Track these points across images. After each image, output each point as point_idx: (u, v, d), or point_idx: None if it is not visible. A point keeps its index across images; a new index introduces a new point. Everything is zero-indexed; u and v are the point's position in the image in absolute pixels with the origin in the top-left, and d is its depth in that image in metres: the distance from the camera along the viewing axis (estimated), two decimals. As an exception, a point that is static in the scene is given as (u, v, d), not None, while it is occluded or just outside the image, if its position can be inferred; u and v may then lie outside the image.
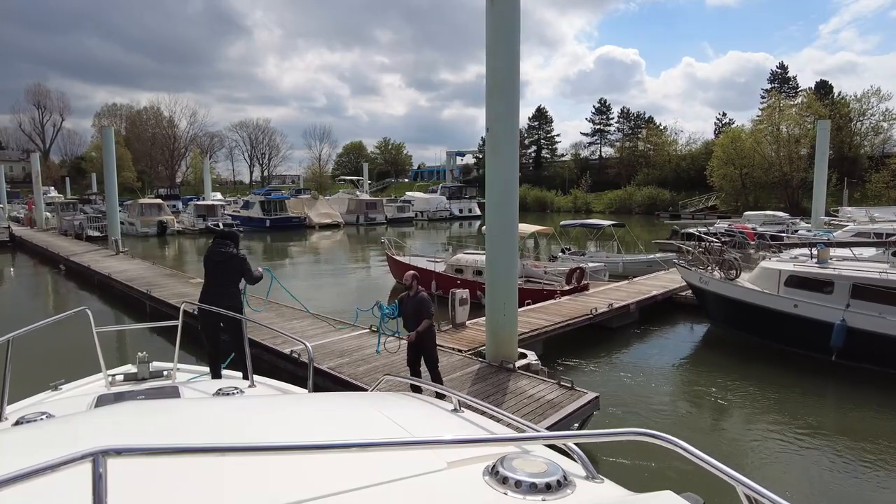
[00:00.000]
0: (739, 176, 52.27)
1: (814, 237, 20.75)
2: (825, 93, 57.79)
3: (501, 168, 8.05)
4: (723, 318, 12.23)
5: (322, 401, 2.89)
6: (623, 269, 18.60)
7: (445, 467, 1.48)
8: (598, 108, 78.27)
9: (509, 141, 8.04)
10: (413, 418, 2.03)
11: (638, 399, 8.85)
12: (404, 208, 52.09)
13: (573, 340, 11.17)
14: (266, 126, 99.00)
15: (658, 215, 53.88)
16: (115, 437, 1.58)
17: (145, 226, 37.07)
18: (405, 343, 7.05)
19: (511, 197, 8.13)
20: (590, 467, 1.57)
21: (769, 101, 60.64)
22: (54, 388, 4.37)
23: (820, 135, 25.68)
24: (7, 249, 31.26)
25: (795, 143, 50.46)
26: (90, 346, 4.35)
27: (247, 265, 6.31)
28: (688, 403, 8.98)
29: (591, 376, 9.79)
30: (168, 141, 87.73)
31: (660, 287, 14.50)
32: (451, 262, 15.75)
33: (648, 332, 12.77)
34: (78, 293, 19.10)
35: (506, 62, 7.87)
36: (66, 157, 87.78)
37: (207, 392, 3.73)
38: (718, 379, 9.75)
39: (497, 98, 7.96)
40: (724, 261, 11.80)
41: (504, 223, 8.14)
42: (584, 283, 14.08)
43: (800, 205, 46.74)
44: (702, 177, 55.64)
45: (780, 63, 73.51)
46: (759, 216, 32.42)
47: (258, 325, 7.95)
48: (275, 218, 42.37)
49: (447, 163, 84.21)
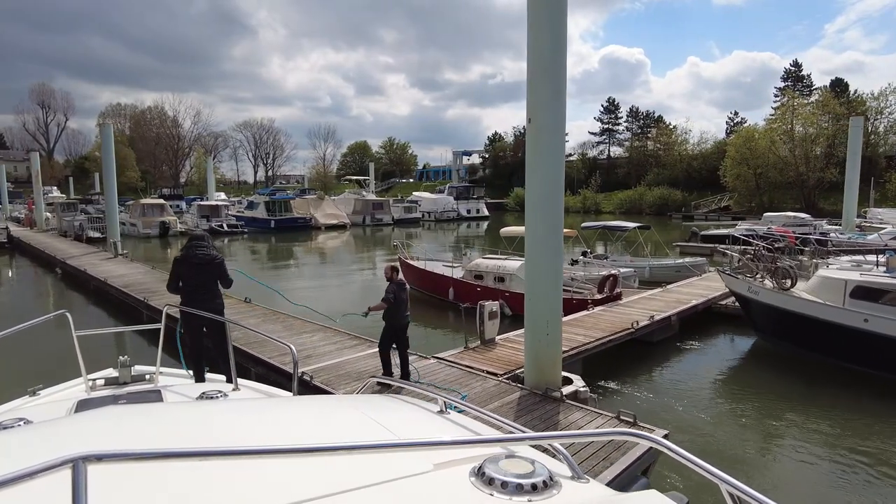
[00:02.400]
0: (754, 176, 51.01)
1: (848, 240, 19.61)
2: (840, 91, 56.53)
3: (545, 163, 6.93)
4: (773, 332, 11.08)
5: (307, 404, 2.81)
6: (650, 275, 17.48)
7: (432, 469, 1.47)
8: (606, 108, 77.14)
9: (555, 132, 6.93)
10: (399, 420, 2.03)
11: (694, 427, 7.74)
12: (411, 209, 50.94)
13: (612, 357, 10.05)
14: (270, 126, 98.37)
15: (670, 216, 52.70)
16: (95, 442, 1.62)
17: (147, 227, 35.94)
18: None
19: (556, 197, 7.02)
20: (575, 467, 1.57)
21: (782, 99, 59.46)
22: (32, 394, 4.23)
23: (853, 133, 24.43)
24: (5, 251, 30.33)
25: (812, 143, 49.18)
26: (70, 351, 4.22)
27: (225, 267, 6.35)
28: (752, 433, 7.85)
29: (637, 401, 8.68)
30: (172, 141, 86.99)
31: (698, 296, 13.36)
32: (470, 268, 14.63)
33: (690, 346, 11.64)
34: (72, 298, 18.10)
35: (551, 40, 6.76)
36: (71, 157, 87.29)
37: (191, 396, 3.71)
38: (777, 402, 8.66)
39: (540, 83, 6.85)
40: (777, 268, 10.67)
41: (548, 226, 7.02)
42: (618, 292, 12.96)
43: (816, 205, 45.55)
44: (714, 177, 54.45)
45: (793, 61, 72.24)
46: (779, 217, 31.23)
47: (241, 328, 7.07)
48: (280, 218, 41.27)
49: (453, 163, 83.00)
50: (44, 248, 26.26)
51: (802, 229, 24.95)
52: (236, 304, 13.05)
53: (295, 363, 3.87)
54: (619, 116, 76.06)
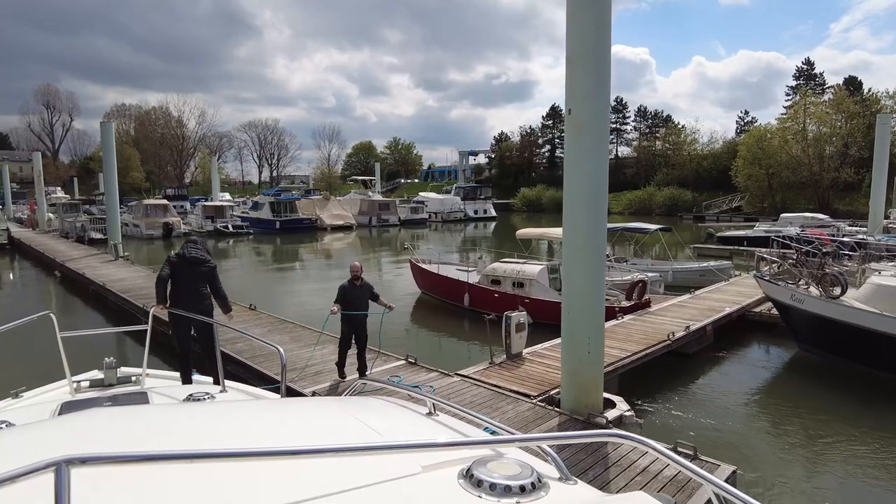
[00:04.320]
0: (766, 176, 50.06)
1: (878, 242, 18.74)
2: (854, 89, 55.47)
3: (586, 159, 6.17)
4: (818, 343, 10.26)
5: (295, 406, 2.78)
6: (672, 279, 16.65)
7: (420, 471, 1.46)
8: (614, 107, 76.13)
9: (598, 125, 6.16)
10: (387, 422, 2.02)
11: (755, 457, 6.94)
12: (418, 209, 50.12)
13: (646, 372, 9.26)
14: (275, 126, 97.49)
15: (681, 217, 51.84)
16: (79, 445, 1.58)
17: (149, 228, 35.24)
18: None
19: (599, 197, 6.26)
20: (563, 469, 1.56)
21: (794, 98, 58.44)
22: (15, 396, 4.16)
23: (880, 130, 23.49)
24: (6, 253, 29.72)
25: (826, 142, 48.22)
26: (55, 353, 4.15)
27: (217, 273, 6.47)
28: (812, 456, 7.06)
29: (679, 422, 7.89)
30: (177, 141, 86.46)
31: (731, 303, 12.55)
32: (487, 272, 13.85)
33: (726, 358, 10.84)
34: (70, 302, 17.43)
35: (594, 23, 5.99)
36: (76, 158, 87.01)
37: (177, 397, 3.69)
38: (830, 420, 7.89)
39: (581, 70, 6.09)
40: (824, 275, 9.85)
41: (590, 231, 6.26)
42: (646, 299, 12.15)
43: (830, 206, 44.58)
44: (724, 177, 53.56)
45: (805, 59, 71.16)
46: (797, 218, 30.38)
47: (227, 329, 6.83)
48: (285, 219, 40.56)
49: (460, 163, 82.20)
50: (43, 249, 25.58)
51: (826, 231, 24.12)
52: (241, 312, 12.35)
53: (283, 366, 3.75)
54: (626, 116, 75.17)
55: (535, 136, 79.35)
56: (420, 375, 7.75)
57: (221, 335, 5.48)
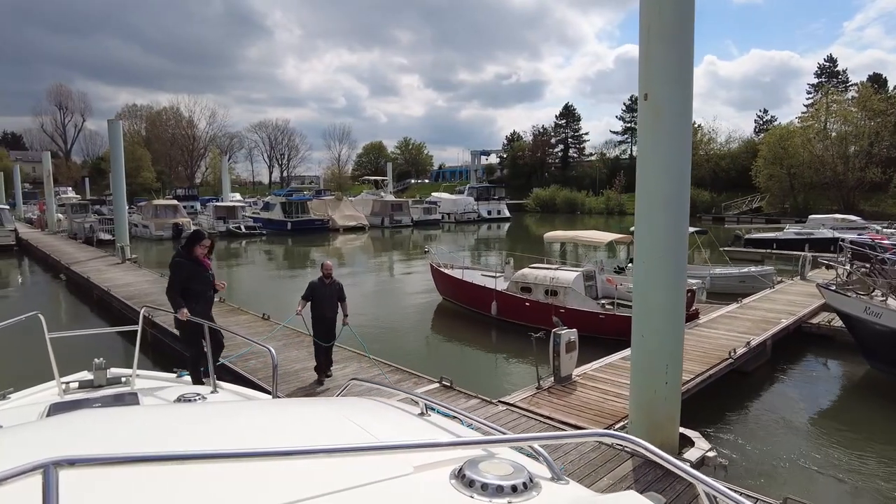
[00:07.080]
0: (787, 176, 48.64)
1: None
2: (879, 86, 53.86)
3: (667, 152, 5.18)
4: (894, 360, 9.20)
5: (287, 406, 2.73)
6: (710, 285, 15.56)
7: (412, 472, 1.43)
8: (628, 106, 74.89)
9: (679, 114, 5.17)
10: (379, 422, 1.99)
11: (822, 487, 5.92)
12: (431, 210, 49.16)
13: (707, 395, 8.22)
14: (285, 127, 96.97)
15: (700, 218, 50.45)
16: (68, 446, 1.51)
17: (159, 228, 34.51)
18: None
19: (681, 197, 5.26)
20: (555, 469, 1.55)
21: (816, 96, 56.90)
22: (2, 397, 4.04)
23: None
24: (13, 254, 29.11)
25: (850, 141, 46.72)
26: (44, 354, 4.10)
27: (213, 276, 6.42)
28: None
29: (754, 455, 6.87)
30: (187, 141, 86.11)
31: (785, 313, 11.49)
32: (516, 279, 12.84)
33: (786, 375, 9.80)
34: (74, 307, 16.66)
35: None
36: (88, 158, 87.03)
37: (168, 398, 3.69)
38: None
39: (661, 51, 5.12)
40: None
41: (670, 236, 5.25)
42: (695, 309, 11.10)
43: (855, 206, 43.09)
44: (743, 177, 52.20)
45: (828, 56, 69.28)
46: (828, 219, 29.16)
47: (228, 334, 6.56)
48: (297, 220, 39.75)
49: (472, 163, 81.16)
50: (50, 251, 24.86)
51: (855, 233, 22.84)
52: (253, 322, 11.49)
53: (274, 366, 3.67)
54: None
55: (547, 136, 78.17)
56: (458, 402, 6.76)
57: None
